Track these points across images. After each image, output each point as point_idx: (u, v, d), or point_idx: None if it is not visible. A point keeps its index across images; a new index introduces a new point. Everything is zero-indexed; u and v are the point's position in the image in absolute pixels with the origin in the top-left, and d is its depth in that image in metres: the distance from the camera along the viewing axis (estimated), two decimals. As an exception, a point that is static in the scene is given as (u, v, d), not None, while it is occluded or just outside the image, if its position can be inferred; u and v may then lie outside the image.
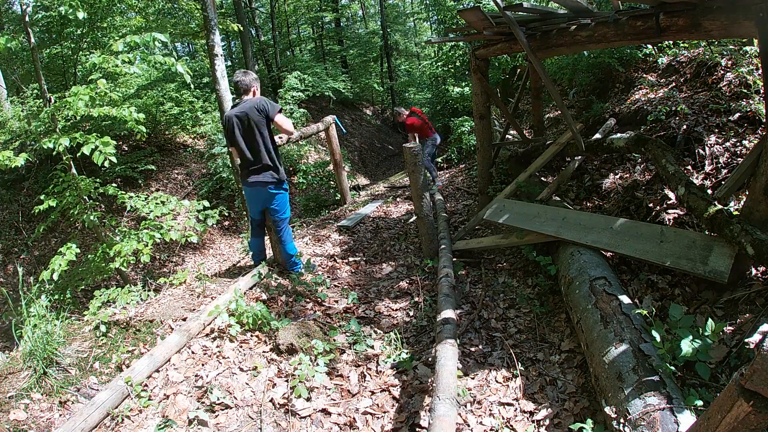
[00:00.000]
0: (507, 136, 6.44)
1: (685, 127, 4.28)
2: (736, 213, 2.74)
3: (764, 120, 3.78)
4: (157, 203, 4.84)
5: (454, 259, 4.29)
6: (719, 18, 2.82)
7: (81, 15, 4.31)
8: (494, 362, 2.95)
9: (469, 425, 2.45)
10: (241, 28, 9.20)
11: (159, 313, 3.62)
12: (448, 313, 3.09)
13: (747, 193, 2.99)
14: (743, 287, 2.66)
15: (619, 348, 2.28)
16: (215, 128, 9.82)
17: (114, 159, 4.15)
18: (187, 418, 2.56)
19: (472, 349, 3.13)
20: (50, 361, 2.83)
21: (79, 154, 4.13)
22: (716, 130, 4.07)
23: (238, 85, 3.89)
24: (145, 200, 4.91)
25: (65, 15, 4.35)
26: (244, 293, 3.85)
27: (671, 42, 5.78)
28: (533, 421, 2.41)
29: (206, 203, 4.99)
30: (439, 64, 12.11)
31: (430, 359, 3.05)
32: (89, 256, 4.99)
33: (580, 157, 5.18)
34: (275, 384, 2.84)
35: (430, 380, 2.80)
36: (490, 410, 2.54)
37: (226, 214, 8.93)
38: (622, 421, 1.95)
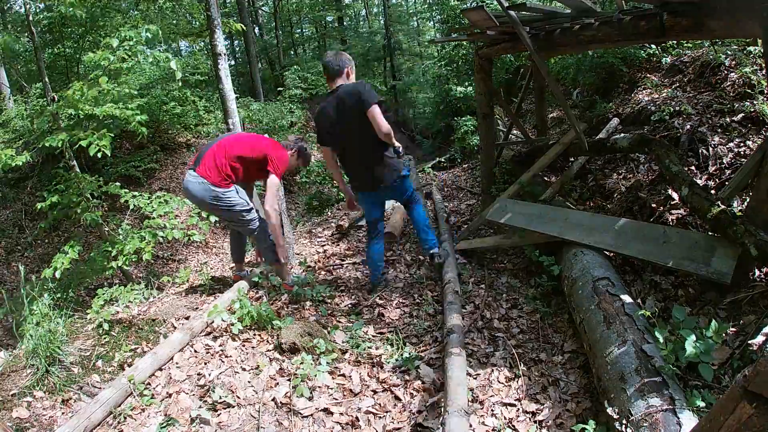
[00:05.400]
0: (510, 135, 6.44)
1: (688, 127, 4.27)
2: (739, 214, 2.73)
3: (768, 120, 3.77)
4: (160, 202, 4.85)
5: (458, 258, 4.31)
6: (723, 18, 2.82)
7: (80, 13, 4.33)
8: (497, 362, 2.94)
9: (471, 425, 2.45)
10: (244, 28, 9.20)
11: (162, 312, 3.64)
12: (454, 320, 3.08)
13: (751, 193, 2.98)
14: (746, 288, 2.65)
15: (621, 349, 2.27)
16: (217, 128, 9.83)
17: (108, 152, 4.15)
18: (190, 416, 2.56)
19: (474, 349, 3.13)
20: (53, 359, 2.84)
21: (75, 147, 4.15)
22: (720, 131, 4.06)
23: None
24: (148, 199, 4.92)
25: (69, 15, 4.37)
26: (247, 292, 3.86)
27: (675, 42, 5.76)
28: (535, 422, 2.41)
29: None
30: (442, 63, 12.09)
31: (432, 359, 3.06)
32: (92, 254, 5.01)
33: (583, 157, 5.18)
34: (277, 383, 2.85)
35: (431, 380, 2.80)
36: (492, 410, 2.54)
37: (229, 213, 8.92)
38: (624, 422, 1.94)
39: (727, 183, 3.51)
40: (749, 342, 2.18)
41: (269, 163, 3.62)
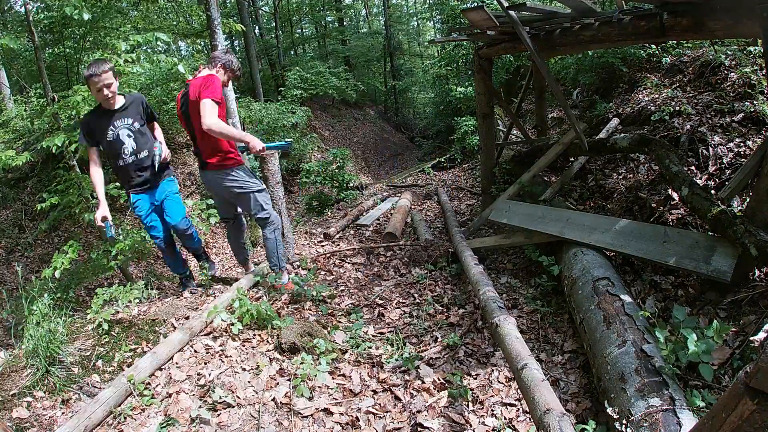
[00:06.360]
0: (510, 135, 6.44)
1: (688, 127, 4.27)
2: (739, 214, 2.73)
3: (768, 120, 3.77)
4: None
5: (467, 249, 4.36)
6: (723, 18, 2.82)
7: (86, 16, 4.31)
8: (496, 362, 2.94)
9: (471, 425, 2.45)
10: (244, 29, 9.19)
11: (162, 312, 3.63)
12: (489, 291, 3.18)
13: (751, 193, 2.98)
14: (746, 288, 2.65)
15: (621, 349, 2.27)
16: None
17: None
18: (190, 416, 2.56)
19: (474, 349, 3.13)
20: (53, 359, 2.84)
21: (71, 149, 4.13)
22: (720, 131, 4.06)
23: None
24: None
25: (70, 16, 4.33)
26: (247, 291, 3.85)
27: (675, 42, 5.77)
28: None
29: (210, 201, 4.99)
30: (442, 63, 12.10)
31: (432, 359, 3.05)
32: (92, 254, 5.01)
33: (583, 157, 5.17)
34: (277, 383, 2.85)
35: (431, 380, 2.80)
36: (492, 410, 2.54)
37: (229, 213, 8.91)
38: (624, 422, 1.94)
39: (727, 183, 3.51)
40: (751, 338, 2.18)
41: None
